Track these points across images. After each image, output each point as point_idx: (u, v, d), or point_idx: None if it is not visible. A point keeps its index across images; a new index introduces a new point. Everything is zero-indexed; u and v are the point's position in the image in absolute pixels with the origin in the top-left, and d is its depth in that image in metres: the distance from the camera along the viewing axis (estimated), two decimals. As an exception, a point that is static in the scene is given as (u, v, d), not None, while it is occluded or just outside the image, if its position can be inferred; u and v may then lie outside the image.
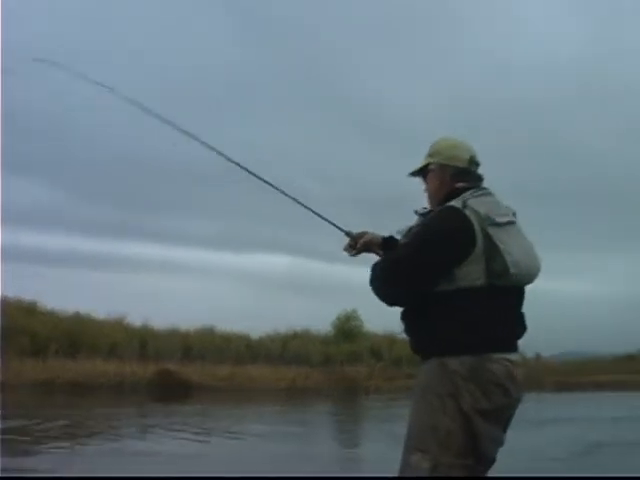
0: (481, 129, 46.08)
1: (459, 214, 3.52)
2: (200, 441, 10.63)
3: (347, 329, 34.67)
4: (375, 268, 3.70)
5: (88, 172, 41.36)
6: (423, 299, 3.58)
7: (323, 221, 4.02)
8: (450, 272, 3.49)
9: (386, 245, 3.95)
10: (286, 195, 4.17)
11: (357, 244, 3.93)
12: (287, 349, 30.89)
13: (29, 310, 26.64)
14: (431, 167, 3.78)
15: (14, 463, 7.89)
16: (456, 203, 3.56)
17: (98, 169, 41.30)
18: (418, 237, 3.60)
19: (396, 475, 3.63)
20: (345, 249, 3.96)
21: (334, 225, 4.07)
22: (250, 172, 4.17)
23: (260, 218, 45.29)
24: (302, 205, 4.15)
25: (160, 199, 41.68)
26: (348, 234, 3.97)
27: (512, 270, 3.53)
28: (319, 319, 33.86)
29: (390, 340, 32.66)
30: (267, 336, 31.97)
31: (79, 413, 14.47)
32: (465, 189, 3.65)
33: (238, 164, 4.11)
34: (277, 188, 4.14)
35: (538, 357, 38.64)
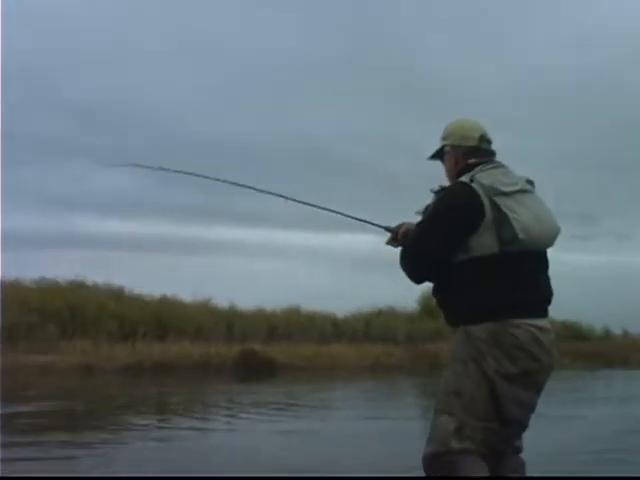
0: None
1: (465, 188, 3.73)
2: (296, 417, 10.70)
3: (431, 306, 34.54)
4: (405, 247, 3.90)
5: (170, 159, 42.04)
6: (444, 272, 3.76)
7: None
8: (464, 243, 3.68)
9: None
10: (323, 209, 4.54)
11: (397, 235, 4.05)
12: (371, 327, 30.96)
13: (117, 295, 27.33)
14: (446, 149, 4.04)
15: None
16: (464, 178, 3.79)
17: (179, 156, 41.98)
18: (430, 214, 3.81)
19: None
20: (388, 242, 4.10)
21: (372, 224, 4.25)
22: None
23: (340, 198, 45.46)
24: (336, 212, 4.47)
25: (242, 182, 42.03)
26: (388, 229, 4.11)
27: (521, 236, 3.66)
28: (404, 297, 33.78)
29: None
30: (352, 315, 32.09)
31: (170, 392, 14.77)
32: (476, 165, 3.86)
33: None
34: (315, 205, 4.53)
35: (626, 333, 37.88)
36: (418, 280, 3.96)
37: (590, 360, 29.25)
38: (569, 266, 33.49)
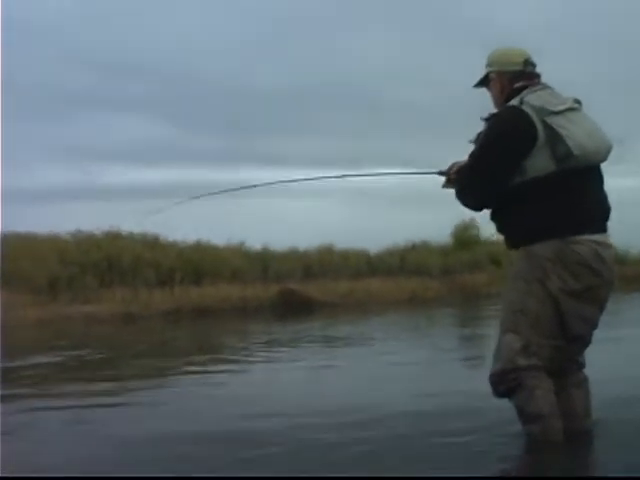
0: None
1: (516, 111, 3.79)
2: (338, 353, 10.80)
3: (465, 238, 34.50)
4: (460, 177, 3.99)
5: (194, 104, 41.97)
6: (503, 196, 3.83)
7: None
8: (520, 166, 3.73)
9: None
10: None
11: (450, 176, 4.12)
12: (406, 262, 30.96)
13: (152, 243, 27.52)
14: (491, 76, 4.07)
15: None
16: (514, 102, 3.84)
17: (204, 100, 41.81)
18: (484, 140, 3.87)
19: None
20: (444, 186, 4.16)
21: (424, 173, 4.34)
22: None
23: (369, 134, 45.16)
24: (388, 174, 4.79)
25: (269, 123, 41.89)
26: (441, 173, 4.18)
27: (575, 152, 3.68)
28: (437, 230, 33.73)
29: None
30: (386, 250, 32.09)
31: (213, 334, 14.95)
32: (523, 88, 3.90)
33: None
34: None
35: None
36: (477, 208, 4.03)
37: (627, 283, 29.10)
38: (603, 190, 33.00)
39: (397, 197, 34.47)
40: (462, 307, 22.51)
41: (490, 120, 3.94)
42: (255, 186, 4.89)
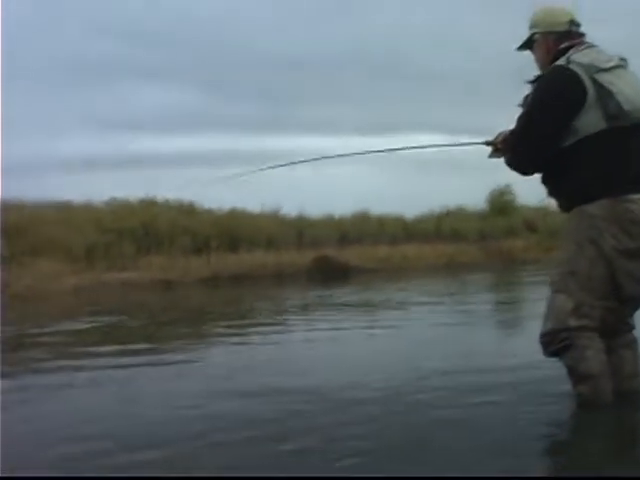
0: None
1: (564, 70, 3.71)
2: (377, 317, 10.77)
3: (501, 204, 34.34)
4: (509, 142, 3.93)
5: (226, 71, 41.93)
6: (554, 158, 3.75)
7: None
8: (570, 125, 3.66)
9: None
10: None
11: (497, 146, 4.06)
12: (442, 227, 30.90)
13: (188, 211, 27.65)
14: (535, 37, 3.97)
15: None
16: (560, 62, 3.76)
17: (235, 67, 41.77)
18: (532, 102, 3.80)
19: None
20: (491, 156, 4.11)
21: (471, 143, 4.27)
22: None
23: (404, 101, 44.86)
24: (432, 147, 4.64)
25: (306, 91, 41.80)
26: (487, 143, 4.11)
27: (626, 107, 3.62)
28: (473, 196, 33.60)
29: (544, 212, 32.23)
30: (421, 216, 32.03)
31: (251, 300, 14.98)
32: (569, 48, 3.82)
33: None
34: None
35: None
36: (529, 171, 3.97)
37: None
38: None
39: (432, 163, 34.18)
40: (499, 272, 22.38)
41: (537, 82, 3.87)
42: (338, 156, 4.89)
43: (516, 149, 3.88)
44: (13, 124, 39.73)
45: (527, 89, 3.95)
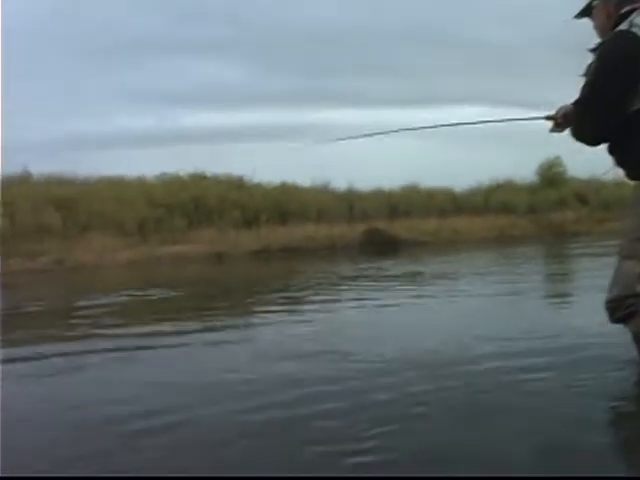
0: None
1: (627, 34, 3.58)
2: (429, 288, 10.76)
3: (551, 176, 33.97)
4: (574, 112, 3.83)
5: (270, 45, 41.90)
6: (620, 125, 3.65)
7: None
8: (636, 90, 3.57)
9: None
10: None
11: (558, 120, 4.01)
12: (491, 200, 30.67)
13: (238, 185, 27.84)
14: (594, 4, 3.87)
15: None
16: (623, 26, 3.62)
17: (286, 42, 41.73)
18: (596, 69, 3.68)
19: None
20: (552, 130, 4.07)
21: (532, 119, 4.24)
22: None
23: (448, 71, 44.44)
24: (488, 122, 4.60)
25: (349, 63, 41.68)
26: (548, 117, 4.07)
27: None
28: (522, 169, 33.29)
29: (595, 185, 31.91)
30: (470, 189, 31.84)
31: (305, 272, 15.06)
32: (631, 12, 3.67)
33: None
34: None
35: None
36: (595, 141, 3.87)
37: None
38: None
39: (483, 135, 33.96)
40: (551, 245, 22.17)
41: (599, 48, 3.76)
42: (420, 128, 4.85)
43: (581, 118, 3.79)
44: (65, 100, 40.31)
45: (589, 58, 3.83)
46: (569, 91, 3.93)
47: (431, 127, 4.83)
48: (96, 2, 39.47)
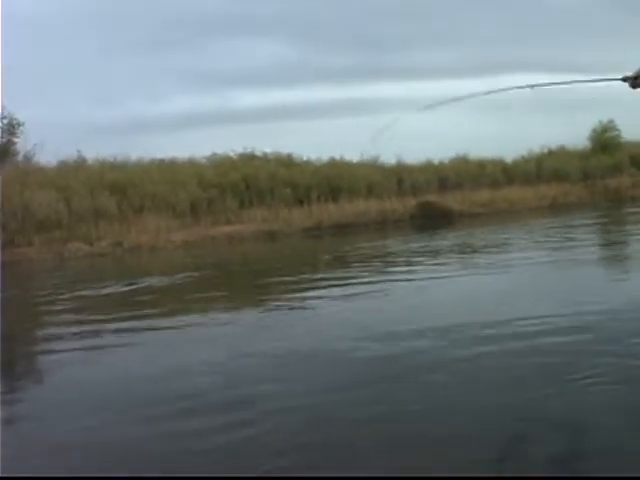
0: None
1: None
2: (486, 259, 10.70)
3: (604, 141, 33.22)
4: None
5: (321, 21, 41.69)
6: None
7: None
8: None
9: None
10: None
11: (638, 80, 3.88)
12: (543, 168, 30.17)
13: (287, 163, 27.80)
14: None
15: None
16: None
17: (330, 17, 41.48)
18: None
19: None
20: (631, 86, 3.92)
21: (608, 79, 4.09)
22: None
23: (501, 40, 43.82)
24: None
25: (397, 36, 41.32)
26: (625, 79, 3.95)
27: None
28: (574, 135, 32.64)
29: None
30: (522, 158, 31.36)
31: (362, 246, 15.03)
32: None
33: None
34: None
35: None
36: None
37: None
38: None
39: (533, 103, 33.38)
40: (607, 210, 21.81)
41: None
42: (487, 93, 4.74)
43: None
44: (119, 84, 40.62)
45: None
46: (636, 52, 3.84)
47: (505, 89, 4.71)
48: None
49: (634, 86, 3.96)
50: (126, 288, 9.89)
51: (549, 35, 40.88)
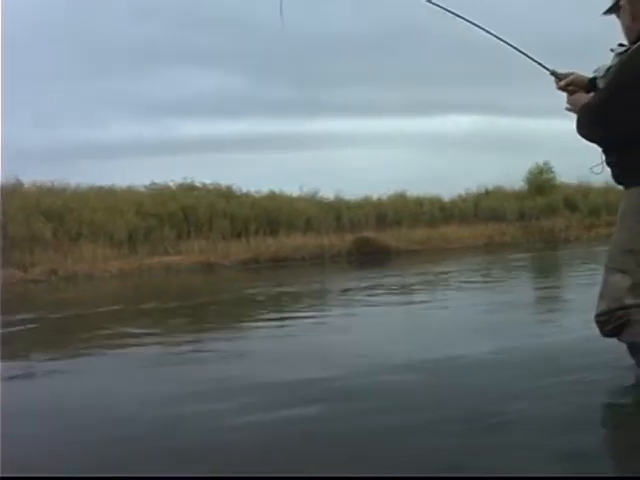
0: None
1: None
2: (425, 295, 10.78)
3: (540, 183, 33.92)
4: (582, 113, 3.65)
5: (266, 55, 41.90)
6: (627, 133, 3.51)
7: (523, 60, 3.93)
8: None
9: (590, 88, 3.81)
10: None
11: (561, 81, 3.88)
12: (480, 207, 30.72)
13: (226, 195, 27.82)
14: (621, 3, 3.61)
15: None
16: None
17: (275, 51, 41.68)
18: (617, 78, 3.52)
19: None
20: (558, 88, 3.92)
21: (539, 64, 4.00)
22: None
23: (440, 80, 44.47)
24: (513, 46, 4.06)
25: (339, 73, 41.71)
26: (553, 73, 3.93)
27: None
28: (510, 176, 33.28)
29: (585, 190, 32.03)
30: (459, 197, 31.86)
31: (297, 282, 15.04)
32: None
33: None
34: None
35: None
36: (600, 144, 3.72)
37: None
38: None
39: (471, 142, 34.05)
40: (541, 251, 22.21)
41: (625, 54, 3.58)
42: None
43: (585, 122, 3.66)
44: (58, 109, 40.21)
45: (610, 58, 3.72)
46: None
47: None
48: (97, 10, 39.17)
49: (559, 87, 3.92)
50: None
51: (479, 76, 41.54)
